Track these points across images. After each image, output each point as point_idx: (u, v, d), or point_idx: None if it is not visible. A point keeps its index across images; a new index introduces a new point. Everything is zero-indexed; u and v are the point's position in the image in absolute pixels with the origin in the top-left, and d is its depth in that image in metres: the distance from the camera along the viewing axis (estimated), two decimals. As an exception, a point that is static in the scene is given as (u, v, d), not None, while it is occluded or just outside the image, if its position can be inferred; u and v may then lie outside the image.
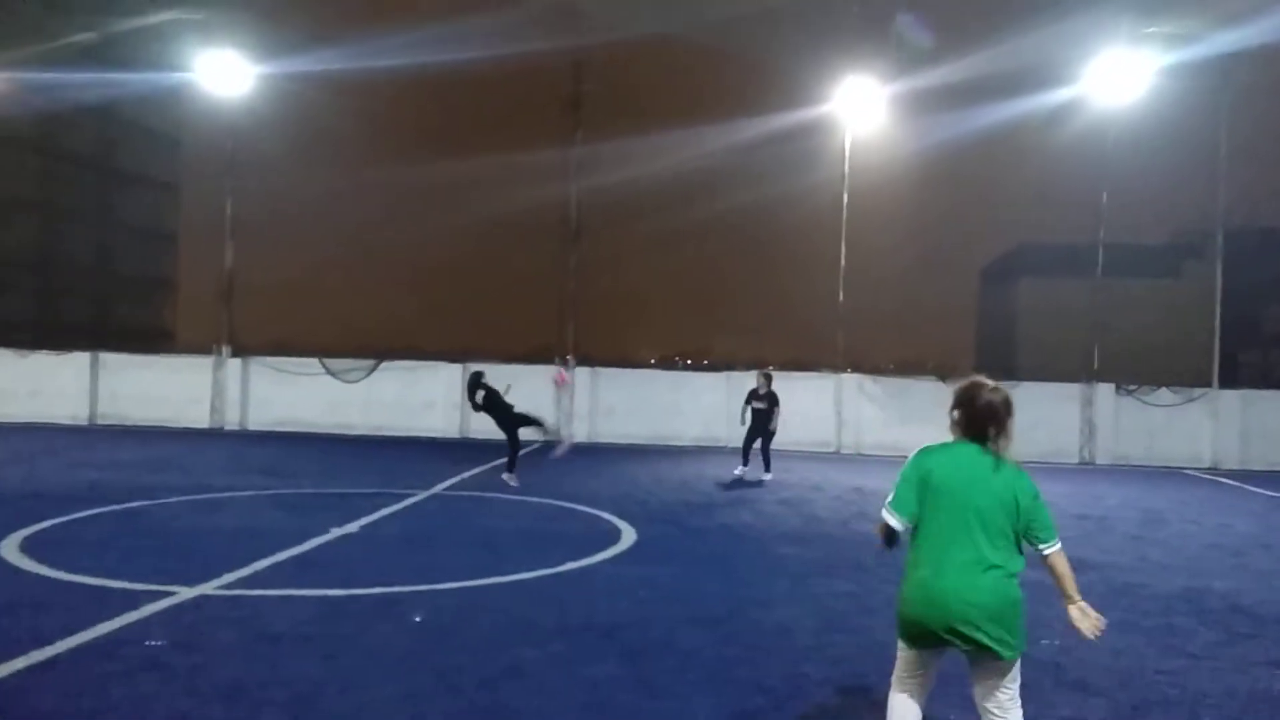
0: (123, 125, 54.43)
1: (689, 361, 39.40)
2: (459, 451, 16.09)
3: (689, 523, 10.79)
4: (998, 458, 3.66)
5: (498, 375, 14.45)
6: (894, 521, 3.73)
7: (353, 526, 9.67)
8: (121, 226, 57.13)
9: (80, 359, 19.99)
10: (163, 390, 20.21)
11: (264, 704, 4.87)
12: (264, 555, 8.10)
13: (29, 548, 8.25)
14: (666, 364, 32.81)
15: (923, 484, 3.69)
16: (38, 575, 7.33)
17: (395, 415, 19.53)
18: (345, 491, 12.23)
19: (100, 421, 19.99)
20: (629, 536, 9.60)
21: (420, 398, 19.82)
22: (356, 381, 19.44)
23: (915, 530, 3.72)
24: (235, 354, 20.09)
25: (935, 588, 3.60)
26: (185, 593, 6.86)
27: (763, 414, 14.38)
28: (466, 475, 13.95)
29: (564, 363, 20.04)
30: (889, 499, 3.78)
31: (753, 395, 14.49)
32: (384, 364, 19.71)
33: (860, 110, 20.61)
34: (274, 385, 19.73)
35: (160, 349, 39.20)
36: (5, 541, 8.42)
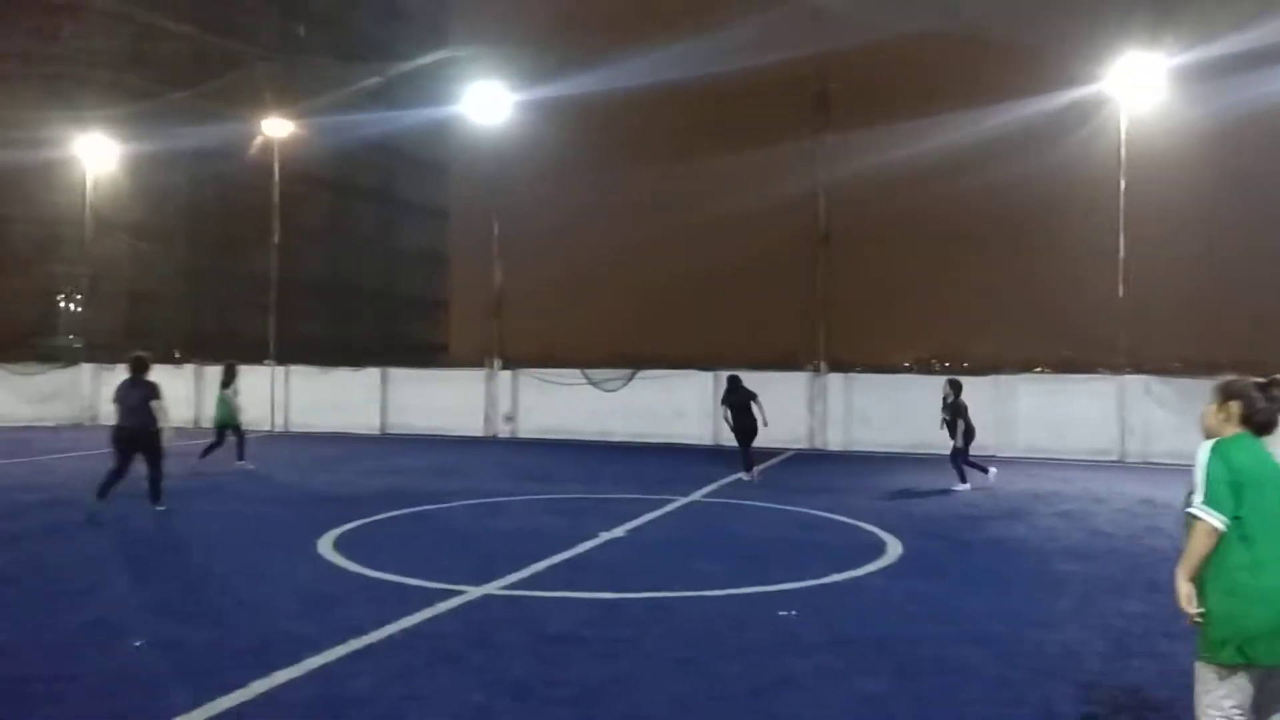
0: (401, 158, 59.54)
1: (946, 365, 37.82)
2: (713, 458, 16.32)
3: (958, 536, 10.34)
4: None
5: (747, 382, 14.72)
6: (1215, 521, 3.42)
7: (619, 531, 10.02)
8: (401, 251, 62.52)
9: (372, 374, 22.04)
10: (441, 401, 21.86)
11: (550, 701, 5.13)
12: (540, 558, 8.55)
13: (341, 545, 9.17)
14: (923, 368, 31.66)
15: (1235, 481, 3.43)
16: (349, 571, 8.13)
17: (651, 422, 20.08)
18: (610, 497, 12.71)
19: (389, 431, 21.91)
20: (894, 549, 9.33)
21: (674, 405, 20.26)
22: (615, 391, 20.17)
23: (1230, 532, 3.43)
24: (505, 366, 21.42)
25: None
26: (473, 592, 7.37)
27: (951, 425, 13.68)
28: (722, 482, 14.10)
29: (815, 368, 19.82)
30: (1200, 498, 3.49)
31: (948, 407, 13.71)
32: (640, 373, 20.32)
33: (1137, 88, 18.93)
34: (540, 395, 20.85)
35: (437, 363, 42.59)
36: (322, 540, 9.42)
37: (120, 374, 24.02)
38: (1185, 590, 3.50)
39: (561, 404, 20.75)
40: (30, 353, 30.83)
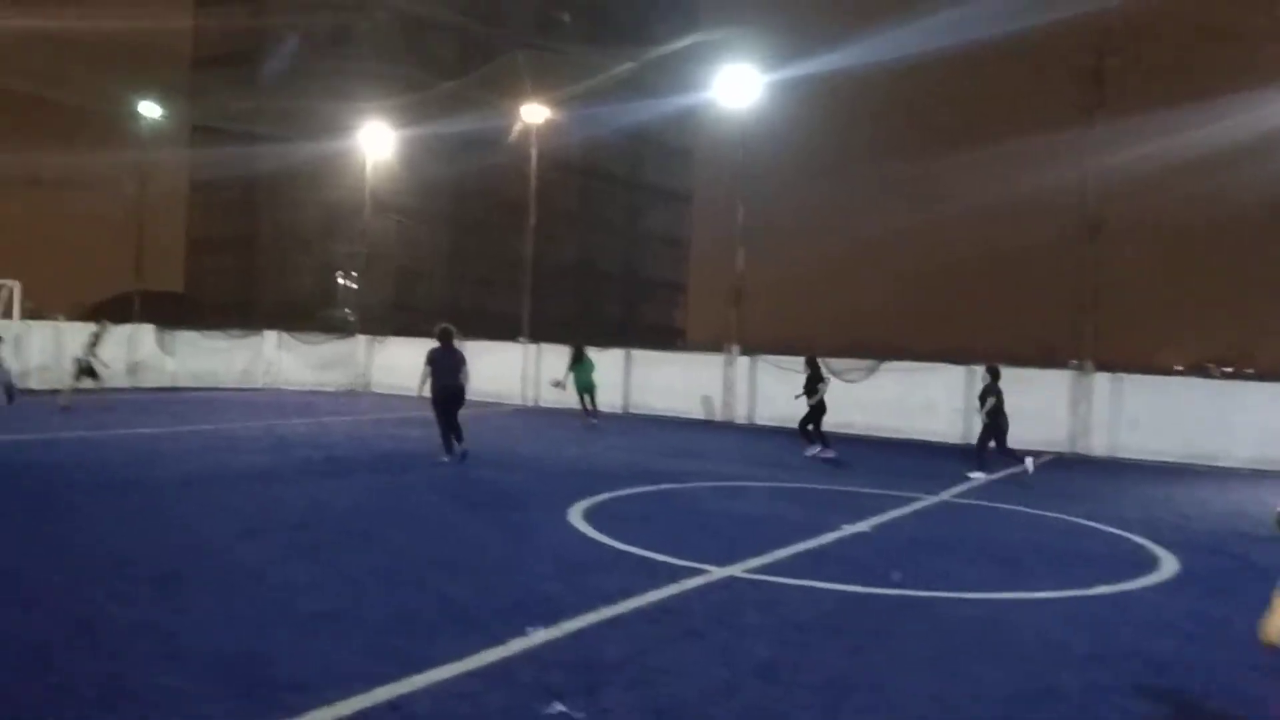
0: (647, 142, 60.90)
1: (1227, 369, 34.33)
2: (964, 457, 15.60)
3: (1246, 555, 9.34)
4: None
5: (1005, 379, 14.04)
6: None
7: (864, 525, 9.79)
8: (644, 235, 64.06)
9: (616, 355, 22.66)
10: (680, 383, 22.21)
11: (796, 685, 5.10)
12: (781, 544, 8.50)
13: (589, 517, 9.53)
14: (1199, 370, 28.86)
15: None
16: (598, 542, 8.43)
17: (895, 416, 19.48)
18: (851, 490, 12.44)
19: (631, 410, 22.51)
20: (1169, 564, 8.56)
21: (920, 399, 19.54)
22: (857, 382, 19.71)
23: None
24: (744, 352, 21.45)
25: None
26: (716, 572, 7.44)
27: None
28: (975, 484, 13.45)
29: (1079, 366, 18.49)
30: None
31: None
32: (884, 365, 19.75)
33: None
34: (778, 383, 20.72)
35: (674, 346, 43.43)
36: (572, 510, 9.83)
37: (392, 345, 26.29)
38: None
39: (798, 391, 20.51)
40: (312, 323, 34.09)
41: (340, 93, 39.71)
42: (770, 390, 20.91)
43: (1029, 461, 14.09)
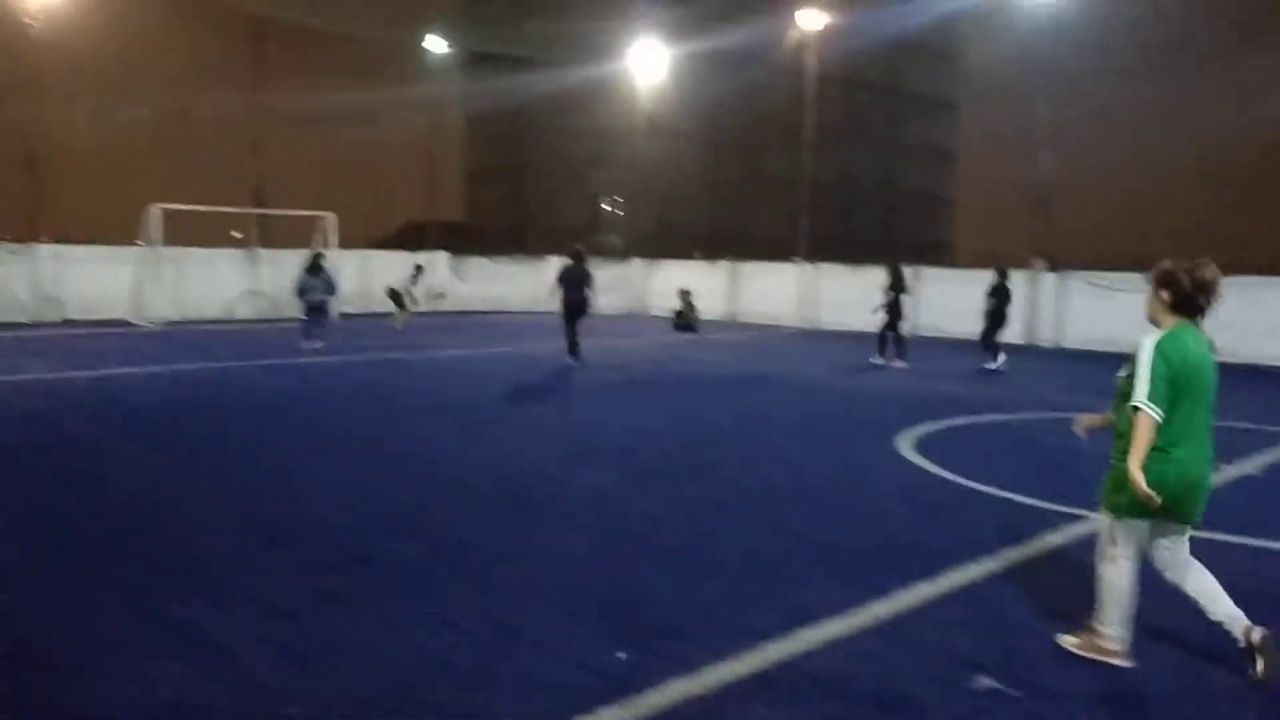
0: (906, 49, 57.13)
1: None
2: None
3: None
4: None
5: None
6: (1156, 416, 3.89)
7: (1249, 466, 8.43)
8: (905, 147, 60.64)
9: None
10: (967, 304, 20.55)
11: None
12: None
13: (921, 449, 8.78)
14: None
15: (1172, 377, 3.90)
16: (944, 479, 7.68)
17: (1235, 339, 17.06)
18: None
19: (918, 332, 21.18)
20: None
21: (1261, 321, 17.00)
22: (1186, 299, 17.42)
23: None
24: (1050, 268, 19.55)
25: (1200, 465, 4.03)
26: (1093, 517, 6.50)
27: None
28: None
29: None
30: (1144, 392, 3.90)
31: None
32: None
33: None
34: (1091, 301, 18.78)
35: (940, 263, 40.75)
36: (898, 440, 9.12)
37: (666, 268, 26.25)
38: (1140, 481, 3.85)
39: (1114, 312, 18.46)
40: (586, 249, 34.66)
41: (605, 14, 39.75)
42: (1083, 308, 18.98)
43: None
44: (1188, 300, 3.97)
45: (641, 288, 27.39)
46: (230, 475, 7.37)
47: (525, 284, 27.28)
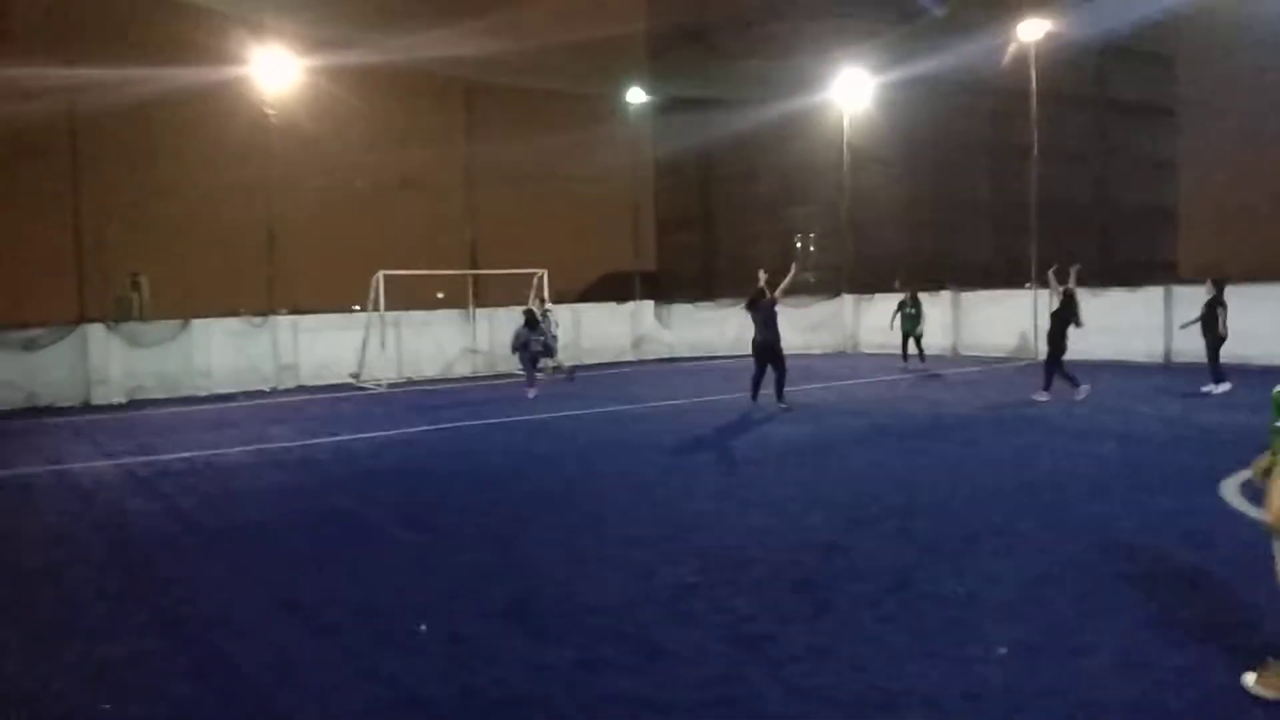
0: (1113, 53, 53.40)
1: None
2: None
3: None
4: None
5: None
6: None
7: None
8: (1117, 159, 56.51)
9: (1153, 294, 19.33)
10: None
11: None
12: None
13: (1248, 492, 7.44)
14: None
15: None
16: None
17: None
18: None
19: (1176, 360, 19.09)
20: None
21: None
22: None
23: None
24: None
25: None
26: None
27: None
28: None
29: None
30: None
31: None
32: None
33: None
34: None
35: (1168, 280, 37.21)
36: (1223, 489, 7.79)
37: (879, 302, 25.08)
38: None
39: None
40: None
41: (793, 52, 39.13)
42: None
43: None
44: None
45: (853, 324, 26.25)
46: (479, 560, 6.99)
47: (730, 328, 26.73)
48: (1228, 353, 14.82)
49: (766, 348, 13.74)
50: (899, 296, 20.71)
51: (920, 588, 5.76)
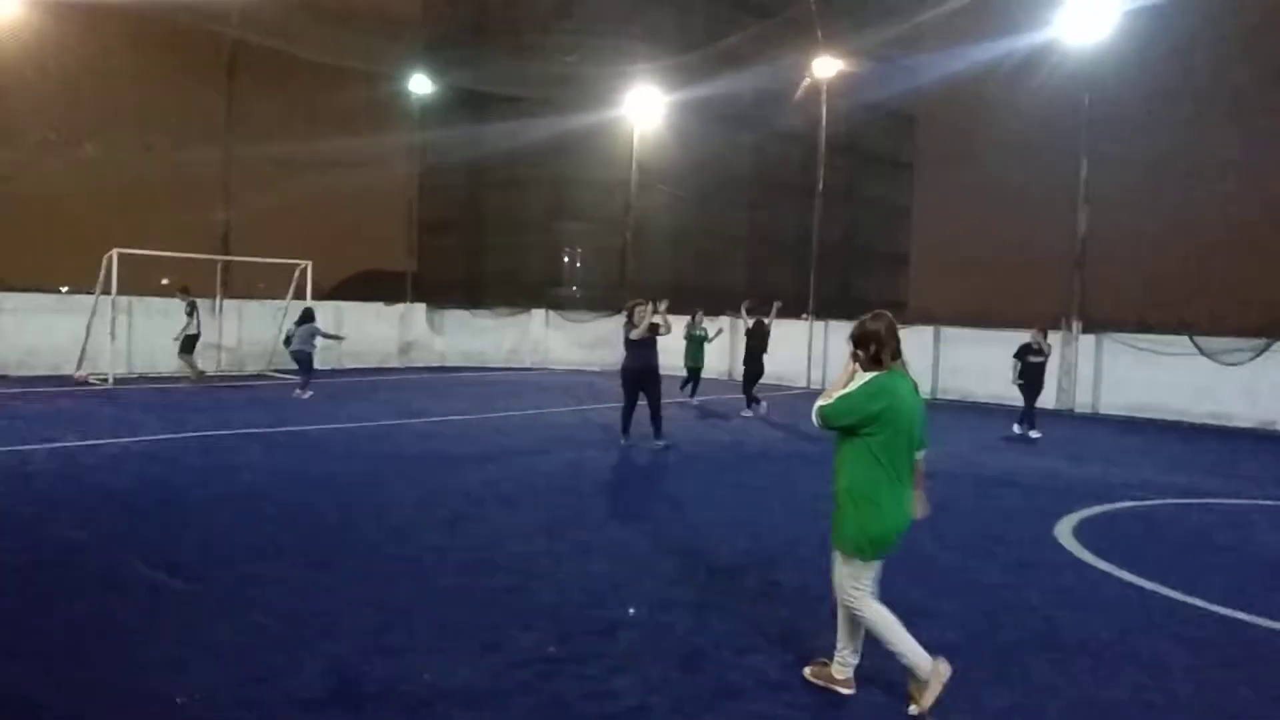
0: (867, 109, 57.19)
1: None
2: None
3: None
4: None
5: None
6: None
7: None
8: (864, 204, 60.59)
9: (923, 332, 20.09)
10: (997, 367, 19.40)
11: None
12: None
13: (1080, 538, 7.39)
14: None
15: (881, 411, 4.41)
16: (1106, 574, 6.21)
17: (1292, 406, 16.18)
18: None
19: (940, 396, 19.98)
20: None
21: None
22: (1238, 364, 16.50)
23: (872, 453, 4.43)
24: (1086, 330, 18.49)
25: (905, 503, 4.50)
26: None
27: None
28: None
29: None
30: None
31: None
32: (1277, 344, 16.36)
33: None
34: (1133, 366, 17.76)
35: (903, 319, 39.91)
36: (1058, 527, 7.74)
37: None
38: None
39: (1157, 378, 17.50)
40: (545, 302, 33.05)
41: (571, 65, 38.58)
42: (1122, 374, 17.97)
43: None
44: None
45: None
46: (271, 625, 5.57)
47: (507, 338, 25.60)
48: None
49: (648, 371, 12.22)
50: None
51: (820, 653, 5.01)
